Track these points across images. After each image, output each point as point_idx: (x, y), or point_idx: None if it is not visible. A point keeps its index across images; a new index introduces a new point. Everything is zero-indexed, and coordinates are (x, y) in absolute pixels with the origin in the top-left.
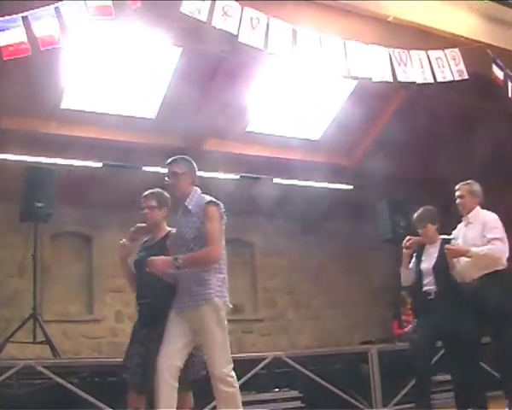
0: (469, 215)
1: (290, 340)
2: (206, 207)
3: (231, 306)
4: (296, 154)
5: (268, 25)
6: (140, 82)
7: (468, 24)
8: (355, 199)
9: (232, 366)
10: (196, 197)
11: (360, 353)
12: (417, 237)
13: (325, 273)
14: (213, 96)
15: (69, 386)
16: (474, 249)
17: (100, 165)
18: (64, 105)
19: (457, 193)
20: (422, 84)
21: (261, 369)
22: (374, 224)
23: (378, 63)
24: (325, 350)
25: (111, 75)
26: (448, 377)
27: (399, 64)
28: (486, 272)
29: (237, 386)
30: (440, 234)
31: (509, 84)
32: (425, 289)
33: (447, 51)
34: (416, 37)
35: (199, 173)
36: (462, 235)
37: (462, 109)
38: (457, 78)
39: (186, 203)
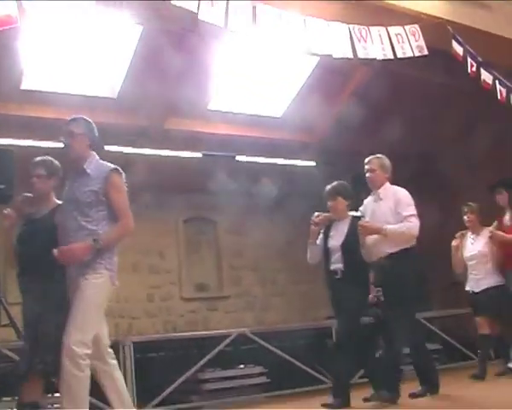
0: (380, 191)
1: (256, 317)
2: (111, 175)
3: (117, 283)
4: (259, 131)
5: (228, 2)
6: (101, 61)
7: (428, 0)
8: (319, 175)
9: (89, 352)
10: (95, 162)
11: (324, 328)
12: (326, 214)
13: (290, 250)
14: (175, 74)
15: None
16: (389, 227)
17: (61, 145)
18: (24, 86)
19: (367, 166)
20: (383, 60)
21: (226, 346)
22: None
23: (338, 40)
24: (289, 326)
25: (72, 55)
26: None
27: (359, 40)
28: (394, 250)
29: (86, 374)
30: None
31: (469, 59)
32: (332, 267)
33: (407, 27)
34: (376, 13)
35: (162, 152)
36: (370, 211)
37: (424, 86)
38: (417, 53)
39: (85, 166)
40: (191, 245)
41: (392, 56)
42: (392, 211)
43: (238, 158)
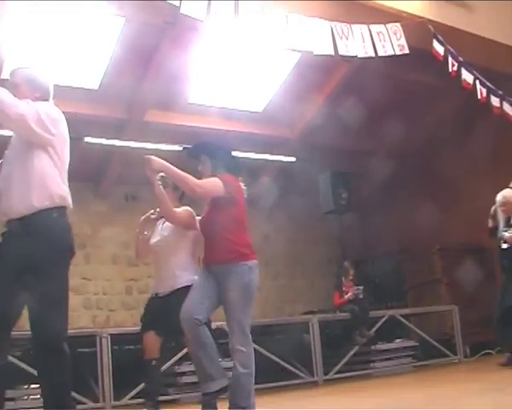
0: None
1: None
2: None
3: None
4: (239, 126)
5: None
6: (82, 52)
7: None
8: (298, 171)
9: None
10: None
11: (301, 323)
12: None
13: (268, 245)
14: (156, 67)
15: (12, 359)
16: None
17: None
18: (4, 76)
19: (10, 79)
20: (364, 57)
21: None
22: (316, 196)
23: (320, 36)
24: (267, 320)
25: (53, 45)
26: (390, 345)
27: (341, 38)
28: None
29: None
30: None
31: (450, 59)
32: None
33: (389, 26)
34: (358, 11)
35: (142, 145)
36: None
37: (404, 84)
38: (398, 52)
39: None
40: None
41: (373, 54)
42: None
43: None
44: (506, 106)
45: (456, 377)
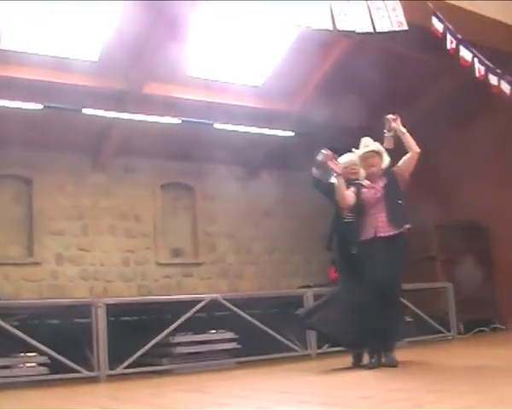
0: None
1: (230, 284)
2: None
3: None
4: (238, 99)
5: None
6: (82, 24)
7: None
8: (296, 146)
9: None
10: None
11: (296, 296)
12: None
13: (266, 219)
14: (155, 39)
15: (8, 328)
16: None
17: (40, 107)
18: (2, 46)
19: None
20: (362, 33)
21: (199, 311)
22: None
23: (318, 11)
24: (261, 293)
25: (53, 17)
26: None
27: (339, 13)
28: None
29: None
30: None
31: (448, 36)
32: None
33: (387, 2)
34: None
35: (141, 117)
36: None
37: (402, 60)
38: (397, 28)
39: None
40: (168, 210)
41: (371, 30)
42: None
43: (216, 125)
44: (504, 85)
45: (449, 352)
